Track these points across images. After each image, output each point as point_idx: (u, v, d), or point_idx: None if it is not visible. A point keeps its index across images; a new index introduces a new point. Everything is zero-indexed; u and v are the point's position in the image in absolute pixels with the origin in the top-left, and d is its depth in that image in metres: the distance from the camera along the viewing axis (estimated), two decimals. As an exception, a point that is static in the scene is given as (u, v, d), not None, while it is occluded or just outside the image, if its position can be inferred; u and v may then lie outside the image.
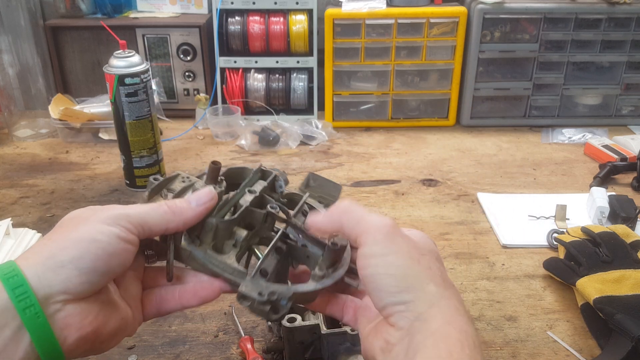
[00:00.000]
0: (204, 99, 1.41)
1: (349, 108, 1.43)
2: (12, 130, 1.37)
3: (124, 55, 1.01)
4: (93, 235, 0.42)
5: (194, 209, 0.47)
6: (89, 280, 0.41)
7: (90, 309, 0.42)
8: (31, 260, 0.41)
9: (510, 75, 1.40)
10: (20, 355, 0.39)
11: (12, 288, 0.39)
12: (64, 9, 1.47)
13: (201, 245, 0.49)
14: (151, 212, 0.46)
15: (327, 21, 1.33)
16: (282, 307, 0.46)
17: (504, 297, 0.79)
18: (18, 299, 0.39)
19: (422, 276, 0.42)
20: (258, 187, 0.55)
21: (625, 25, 1.33)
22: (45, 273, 0.40)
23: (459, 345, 0.38)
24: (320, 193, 0.60)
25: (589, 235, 0.82)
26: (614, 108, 1.41)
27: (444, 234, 0.95)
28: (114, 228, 0.43)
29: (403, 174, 1.18)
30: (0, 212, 1.02)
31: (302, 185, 0.61)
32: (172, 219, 0.46)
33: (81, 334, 0.41)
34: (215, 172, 0.52)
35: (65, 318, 0.41)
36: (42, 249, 0.42)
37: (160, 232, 0.47)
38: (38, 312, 0.39)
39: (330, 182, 0.60)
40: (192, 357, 0.68)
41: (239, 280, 0.47)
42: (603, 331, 0.70)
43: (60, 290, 0.40)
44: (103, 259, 0.42)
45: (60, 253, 0.41)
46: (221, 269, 0.48)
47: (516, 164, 1.22)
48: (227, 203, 0.52)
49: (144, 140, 1.06)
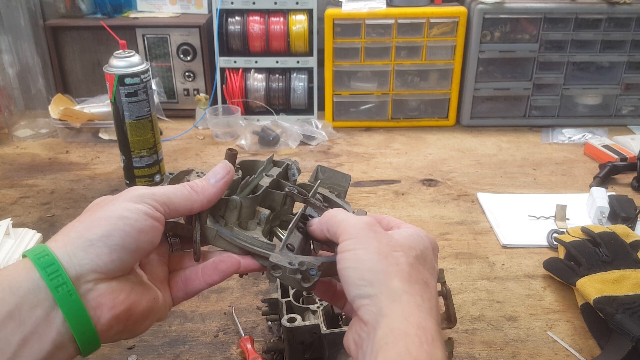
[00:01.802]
0: (204, 99, 1.41)
1: (349, 108, 1.43)
2: (12, 130, 1.37)
3: (124, 55, 1.01)
4: (121, 212, 0.42)
5: (214, 185, 0.48)
6: (119, 257, 0.41)
7: (122, 287, 0.42)
8: (60, 241, 0.41)
9: (510, 75, 1.40)
10: (53, 335, 0.39)
11: (43, 267, 0.39)
12: (64, 9, 1.47)
13: (226, 225, 0.50)
14: (176, 192, 0.47)
15: (327, 21, 1.33)
16: (312, 276, 0.47)
17: (504, 297, 0.79)
18: (50, 277, 0.38)
19: (388, 271, 0.43)
20: (274, 172, 0.56)
21: (625, 25, 1.33)
22: (75, 252, 0.40)
23: (417, 341, 0.39)
24: (330, 183, 0.61)
25: (589, 235, 0.82)
26: (614, 108, 1.41)
27: (444, 234, 0.95)
28: (140, 205, 0.43)
29: (403, 174, 1.18)
30: (0, 212, 1.02)
31: (311, 178, 0.62)
32: (196, 198, 0.47)
33: (114, 312, 0.41)
34: (232, 157, 0.53)
35: (98, 297, 0.40)
36: (70, 230, 0.42)
37: (185, 212, 0.48)
38: (70, 290, 0.39)
39: (339, 172, 0.62)
40: (192, 357, 0.68)
41: (269, 252, 0.48)
42: (603, 331, 0.70)
43: (91, 269, 0.40)
44: (132, 235, 0.42)
45: (89, 232, 0.41)
46: (250, 244, 0.49)
47: (516, 164, 1.22)
48: (247, 185, 0.53)
49: (144, 140, 1.06)
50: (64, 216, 1.00)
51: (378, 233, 0.45)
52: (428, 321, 0.41)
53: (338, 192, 0.61)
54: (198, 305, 0.77)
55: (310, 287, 0.47)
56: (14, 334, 0.37)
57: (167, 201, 0.46)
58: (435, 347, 0.40)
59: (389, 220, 0.50)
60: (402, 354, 0.38)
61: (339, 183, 0.61)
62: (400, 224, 0.50)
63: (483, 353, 0.69)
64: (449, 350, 0.66)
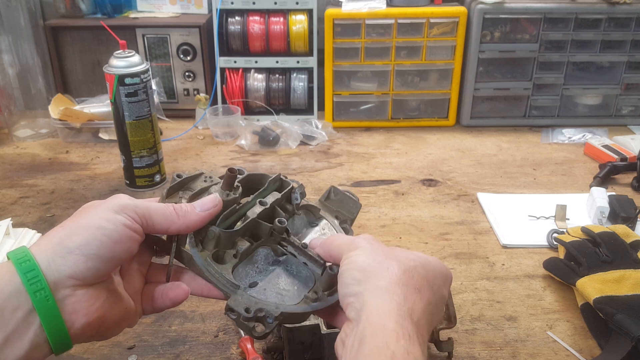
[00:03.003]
0: (204, 99, 1.41)
1: (349, 108, 1.43)
2: (12, 130, 1.37)
3: (124, 55, 1.01)
4: (99, 222, 0.45)
5: (197, 213, 0.50)
6: (94, 266, 0.44)
7: (98, 296, 0.45)
8: (42, 246, 0.44)
9: (510, 75, 1.40)
10: (30, 336, 0.41)
11: (24, 272, 0.41)
12: (64, 9, 1.47)
13: (203, 250, 0.51)
14: (158, 209, 0.49)
15: (327, 21, 1.33)
16: (268, 324, 0.47)
17: (504, 297, 0.79)
18: (30, 283, 0.41)
19: (378, 272, 0.44)
20: (271, 198, 0.56)
21: (625, 25, 1.33)
22: (54, 258, 0.43)
23: (394, 336, 0.40)
24: (338, 208, 0.61)
25: (589, 235, 0.82)
26: (614, 108, 1.41)
27: (444, 234, 0.95)
28: (120, 216, 0.46)
29: (403, 174, 1.18)
30: (0, 212, 1.02)
31: (322, 197, 0.61)
32: (175, 220, 0.49)
33: (88, 319, 0.44)
34: (231, 179, 0.54)
35: (74, 304, 0.43)
36: (53, 236, 0.44)
37: (162, 230, 0.49)
38: (48, 296, 0.41)
39: (351, 198, 0.61)
40: (192, 357, 0.68)
41: (230, 293, 0.49)
42: (603, 331, 0.69)
43: (68, 275, 0.43)
44: (108, 245, 0.44)
45: (69, 239, 0.44)
46: (216, 279, 0.49)
47: (516, 164, 1.22)
48: (234, 212, 0.53)
49: (144, 140, 1.06)
50: (64, 216, 1.00)
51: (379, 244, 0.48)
52: (408, 321, 0.42)
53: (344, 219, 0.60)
54: (198, 305, 0.77)
55: (263, 336, 0.47)
56: None
57: (146, 215, 0.48)
58: (414, 345, 0.40)
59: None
60: (381, 347, 0.40)
61: (348, 209, 0.61)
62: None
63: (483, 353, 0.69)
64: (449, 351, 0.66)
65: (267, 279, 0.52)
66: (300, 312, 0.49)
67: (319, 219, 0.60)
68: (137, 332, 0.72)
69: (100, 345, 0.70)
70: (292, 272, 0.54)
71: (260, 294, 0.50)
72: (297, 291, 0.52)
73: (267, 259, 0.55)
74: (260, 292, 0.51)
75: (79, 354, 0.68)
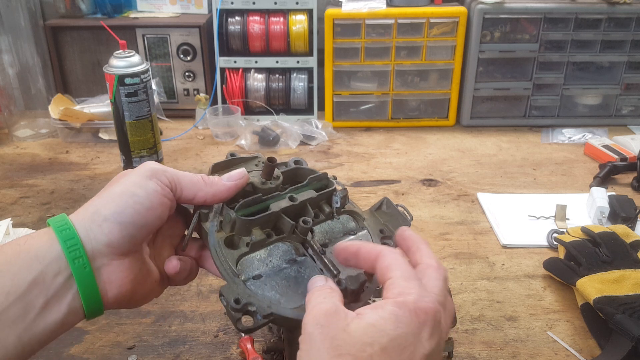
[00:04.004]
0: (204, 99, 1.41)
1: (349, 108, 1.43)
2: (12, 130, 1.37)
3: (124, 55, 1.01)
4: (132, 190, 0.47)
5: (224, 184, 0.51)
6: (129, 233, 0.46)
7: (132, 268, 0.47)
8: (80, 215, 0.46)
9: (510, 75, 1.40)
10: (68, 300, 0.44)
11: (64, 240, 0.44)
12: (64, 9, 1.47)
13: (220, 231, 0.51)
14: (186, 175, 0.50)
15: (327, 21, 1.33)
16: (256, 321, 0.45)
17: (504, 297, 0.79)
18: (69, 250, 0.43)
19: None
20: (305, 195, 0.54)
21: (625, 25, 1.33)
22: (92, 227, 0.45)
23: None
24: (387, 221, 0.57)
25: (589, 235, 0.82)
26: (614, 108, 1.41)
27: (444, 234, 0.95)
28: (151, 182, 0.47)
29: (403, 174, 1.18)
30: (0, 212, 1.02)
31: (373, 207, 0.59)
32: (202, 187, 0.50)
33: (121, 290, 0.46)
34: (269, 168, 0.53)
35: (110, 274, 0.45)
36: (90, 205, 0.47)
37: (190, 197, 0.50)
38: (85, 264, 0.44)
39: (402, 215, 0.57)
40: (192, 357, 0.68)
41: (228, 279, 0.48)
42: (603, 331, 0.69)
43: (105, 243, 0.45)
44: (141, 212, 0.46)
45: (104, 208, 0.46)
46: (219, 262, 0.49)
47: (516, 164, 1.22)
48: (258, 202, 0.52)
49: (144, 140, 1.06)
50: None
51: (328, 330, 0.39)
52: None
53: (389, 235, 0.56)
54: (198, 305, 0.77)
55: (245, 331, 0.46)
56: (38, 298, 0.42)
57: (175, 180, 0.49)
58: None
59: (420, 255, 0.45)
60: None
61: (396, 225, 0.56)
62: (422, 265, 0.44)
63: (483, 353, 0.69)
64: (449, 351, 0.66)
65: (273, 275, 0.51)
66: (291, 317, 0.46)
67: (360, 229, 0.57)
68: (137, 332, 0.72)
69: (100, 346, 0.70)
70: (303, 275, 0.51)
71: (258, 288, 0.48)
72: (299, 295, 0.49)
73: (284, 255, 0.53)
74: (259, 286, 0.49)
75: (79, 354, 0.68)
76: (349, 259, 0.47)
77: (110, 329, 0.73)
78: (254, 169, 0.56)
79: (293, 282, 0.50)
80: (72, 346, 0.70)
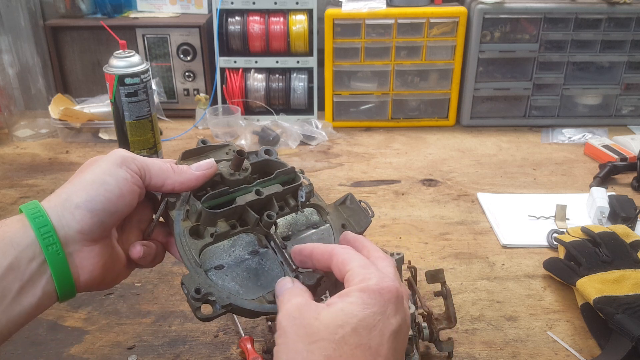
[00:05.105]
0: (204, 99, 1.41)
1: (349, 108, 1.43)
2: (12, 130, 1.37)
3: (124, 55, 1.01)
4: (103, 177, 0.48)
5: (193, 172, 0.52)
6: (100, 220, 0.47)
7: (102, 254, 0.48)
8: (52, 202, 0.47)
9: (510, 75, 1.40)
10: (42, 285, 0.45)
11: (38, 227, 0.45)
12: (64, 9, 1.47)
13: (186, 220, 0.52)
14: (155, 162, 0.51)
15: (327, 21, 1.33)
16: (216, 310, 0.47)
17: (504, 297, 0.79)
18: (43, 237, 0.45)
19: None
20: (271, 189, 0.54)
21: (625, 25, 1.33)
22: (64, 214, 0.46)
23: None
24: (349, 216, 0.58)
25: (589, 235, 0.82)
26: (614, 108, 1.41)
27: (444, 234, 0.95)
28: (121, 170, 0.48)
29: (403, 174, 1.18)
30: (1, 212, 1.02)
31: (337, 202, 0.60)
32: (171, 175, 0.51)
33: (92, 275, 0.48)
34: (238, 161, 0.54)
35: (82, 260, 0.47)
36: (62, 192, 0.47)
37: (159, 184, 0.51)
38: (59, 250, 0.45)
39: (364, 211, 0.59)
40: (192, 357, 0.68)
41: (190, 269, 0.49)
42: (603, 331, 0.69)
43: (77, 230, 0.46)
44: (111, 200, 0.47)
45: (75, 195, 0.47)
46: (184, 252, 0.50)
47: (516, 164, 1.22)
48: (225, 194, 0.53)
49: (144, 140, 1.06)
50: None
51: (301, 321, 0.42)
52: None
53: (351, 230, 0.57)
54: (198, 305, 0.77)
55: (204, 320, 0.47)
56: (14, 282, 0.43)
57: (145, 167, 0.50)
58: None
59: (367, 251, 0.48)
60: None
61: (358, 221, 0.58)
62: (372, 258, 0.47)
63: (483, 353, 0.69)
64: (449, 351, 0.66)
65: (235, 266, 0.52)
66: (250, 308, 0.48)
67: (323, 223, 0.58)
68: (137, 332, 0.72)
69: (100, 346, 0.70)
70: (264, 267, 0.53)
71: (219, 279, 0.50)
72: (259, 287, 0.51)
73: (247, 246, 0.54)
74: (220, 276, 0.51)
75: (79, 354, 0.68)
76: (305, 261, 0.50)
77: (110, 329, 0.73)
78: (224, 157, 0.56)
79: (253, 274, 0.52)
80: (72, 346, 0.70)
